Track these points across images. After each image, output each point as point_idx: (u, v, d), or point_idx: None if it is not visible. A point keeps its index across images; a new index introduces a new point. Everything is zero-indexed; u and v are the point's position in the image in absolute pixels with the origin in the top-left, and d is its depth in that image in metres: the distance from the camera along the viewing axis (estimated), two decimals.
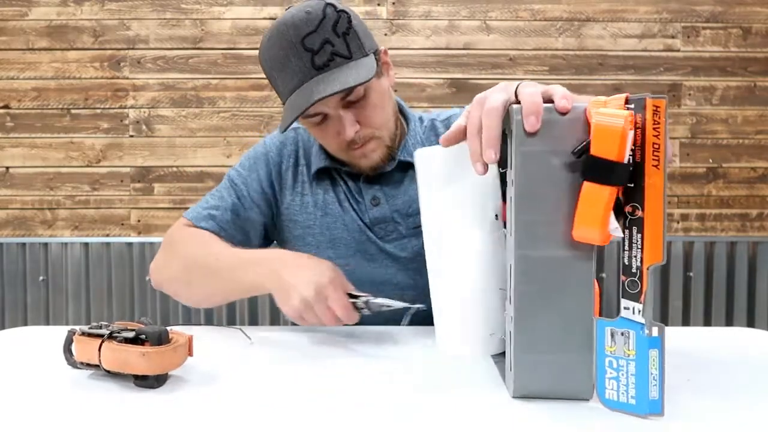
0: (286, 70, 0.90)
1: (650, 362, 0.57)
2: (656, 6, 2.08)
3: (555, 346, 0.61)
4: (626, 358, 0.58)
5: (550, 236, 0.59)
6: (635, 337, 0.57)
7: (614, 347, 0.58)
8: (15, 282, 2.06)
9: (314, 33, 0.87)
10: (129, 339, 0.65)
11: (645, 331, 0.56)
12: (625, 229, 0.57)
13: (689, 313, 2.07)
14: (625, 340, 0.58)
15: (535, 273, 0.60)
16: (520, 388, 0.62)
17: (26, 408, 0.62)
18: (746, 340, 0.90)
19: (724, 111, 2.10)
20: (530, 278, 0.60)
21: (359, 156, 0.95)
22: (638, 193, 0.56)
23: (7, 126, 2.08)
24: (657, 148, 0.55)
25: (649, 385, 0.57)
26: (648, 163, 0.55)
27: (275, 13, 2.07)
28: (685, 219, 2.11)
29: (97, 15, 2.07)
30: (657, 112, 0.55)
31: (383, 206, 1.00)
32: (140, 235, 2.09)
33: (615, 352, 0.58)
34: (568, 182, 0.59)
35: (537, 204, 0.59)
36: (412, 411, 0.61)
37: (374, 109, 0.93)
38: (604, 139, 0.55)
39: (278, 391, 0.66)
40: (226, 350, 0.80)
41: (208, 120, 2.08)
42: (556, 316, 0.60)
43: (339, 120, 0.91)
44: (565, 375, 0.61)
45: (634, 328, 0.57)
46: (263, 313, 2.07)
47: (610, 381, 0.59)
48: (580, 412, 0.60)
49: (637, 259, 0.57)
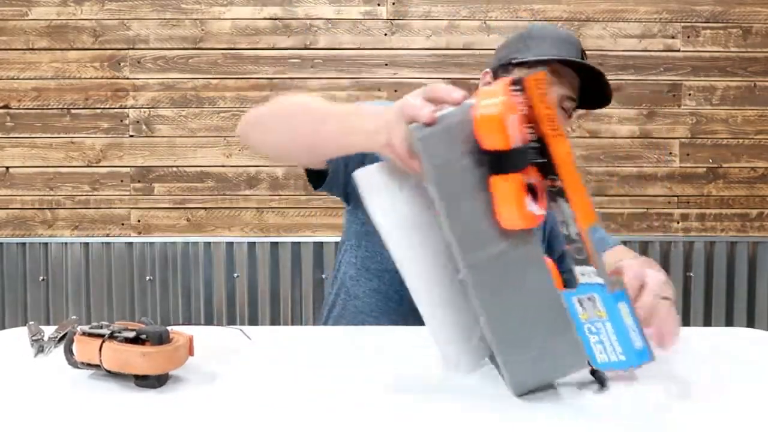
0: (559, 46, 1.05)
1: (623, 316, 0.58)
2: (656, 6, 2.08)
3: (534, 333, 0.61)
4: (601, 320, 0.59)
5: (487, 234, 0.59)
6: (600, 298, 0.58)
7: (586, 314, 0.60)
8: (15, 282, 2.06)
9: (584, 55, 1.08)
10: (129, 339, 0.65)
11: (607, 289, 0.58)
12: (551, 202, 0.58)
13: (689, 313, 2.07)
14: (593, 304, 0.59)
15: (489, 273, 0.60)
16: (519, 386, 0.63)
17: (26, 408, 0.62)
18: (746, 340, 0.90)
19: (724, 111, 2.10)
20: (486, 280, 0.60)
21: None
22: (550, 166, 0.57)
23: (7, 126, 2.08)
24: (552, 118, 0.56)
25: (631, 336, 0.59)
26: (548, 135, 0.56)
27: (275, 13, 2.07)
28: (685, 219, 2.11)
29: (97, 15, 2.07)
30: (539, 86, 0.55)
31: None
32: (140, 235, 2.09)
33: (589, 317, 0.59)
34: (484, 177, 0.58)
35: (465, 210, 0.59)
36: (412, 411, 0.61)
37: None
38: (486, 130, 0.55)
39: (278, 391, 0.66)
40: (226, 350, 0.80)
41: (208, 120, 2.08)
42: (524, 306, 0.60)
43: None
44: (554, 357, 0.61)
45: (595, 290, 0.59)
46: (263, 313, 2.07)
47: (596, 345, 0.60)
48: (583, 413, 0.60)
49: (573, 226, 0.58)
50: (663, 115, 2.10)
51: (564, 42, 1.06)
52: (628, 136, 2.10)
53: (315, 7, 2.07)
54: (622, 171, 2.10)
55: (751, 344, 0.88)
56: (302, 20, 2.07)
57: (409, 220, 0.66)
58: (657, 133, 2.10)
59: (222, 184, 2.08)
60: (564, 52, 1.04)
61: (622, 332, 0.59)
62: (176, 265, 2.06)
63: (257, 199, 2.07)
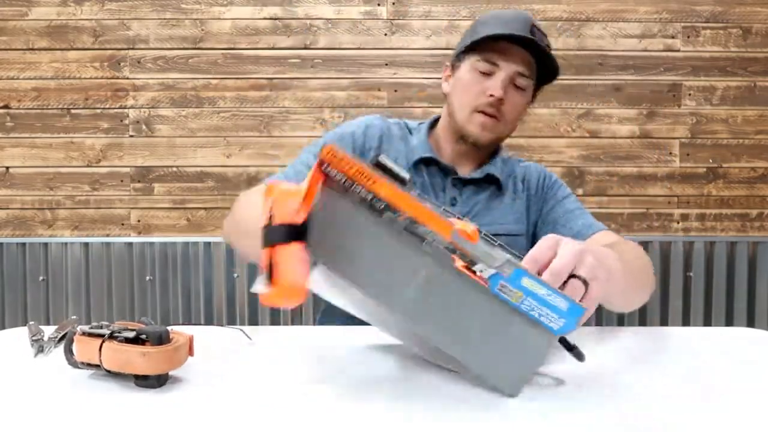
0: (504, 23, 1.05)
1: (533, 288, 0.61)
2: (656, 6, 2.08)
3: (492, 337, 0.64)
4: (523, 300, 0.62)
5: (395, 278, 0.64)
6: (507, 282, 0.61)
7: (513, 298, 0.62)
8: (15, 282, 2.06)
9: (538, 31, 1.07)
10: (130, 339, 0.65)
11: (502, 274, 0.61)
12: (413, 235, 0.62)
13: (689, 313, 2.07)
14: (507, 291, 0.62)
15: (419, 308, 0.64)
16: (510, 388, 0.65)
17: (26, 408, 0.62)
18: (746, 340, 0.90)
19: (724, 111, 2.10)
20: (422, 315, 0.64)
21: (480, 123, 1.08)
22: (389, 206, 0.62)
23: (7, 126, 2.08)
24: (361, 172, 0.61)
25: (553, 302, 0.61)
26: (368, 186, 0.61)
27: (275, 13, 2.07)
28: (685, 219, 2.11)
29: (97, 15, 2.07)
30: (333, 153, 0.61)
31: (458, 207, 1.11)
32: (140, 235, 2.09)
33: (519, 300, 0.62)
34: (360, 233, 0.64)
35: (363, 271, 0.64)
36: (412, 410, 0.61)
37: (517, 105, 1.09)
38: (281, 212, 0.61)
39: (278, 391, 0.66)
40: (226, 350, 0.80)
41: (208, 120, 2.08)
42: (468, 318, 0.64)
43: (499, 80, 1.06)
44: (524, 346, 0.64)
45: (498, 279, 0.61)
46: (263, 313, 2.07)
47: (541, 318, 0.62)
48: (583, 413, 0.60)
49: (442, 241, 0.62)
50: (663, 115, 2.10)
51: (512, 21, 1.06)
52: (628, 136, 2.10)
53: (315, 7, 2.07)
54: (622, 171, 2.10)
55: (751, 344, 0.88)
56: (302, 20, 2.07)
57: (358, 300, 0.71)
58: (657, 133, 2.10)
59: (222, 184, 2.08)
60: (511, 30, 1.04)
61: (543, 302, 0.61)
62: (176, 265, 2.06)
63: None
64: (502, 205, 1.14)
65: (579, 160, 2.09)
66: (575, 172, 2.09)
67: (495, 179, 1.15)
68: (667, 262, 2.07)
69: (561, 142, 2.09)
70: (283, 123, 2.08)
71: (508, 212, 1.14)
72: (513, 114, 1.10)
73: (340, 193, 0.63)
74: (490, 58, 1.06)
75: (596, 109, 2.09)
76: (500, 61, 1.06)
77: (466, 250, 0.62)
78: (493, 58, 1.06)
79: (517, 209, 1.15)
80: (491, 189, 1.15)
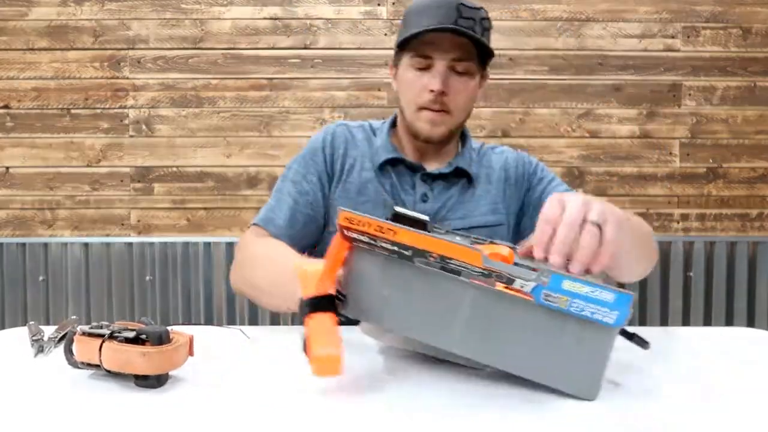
0: (430, 13, 1.02)
1: (576, 289, 0.61)
2: (656, 6, 2.08)
3: (551, 346, 0.64)
4: (570, 303, 0.62)
5: (439, 317, 0.66)
6: (550, 290, 0.62)
7: (561, 303, 0.62)
8: (15, 282, 2.06)
9: (470, 8, 1.02)
10: (130, 339, 0.65)
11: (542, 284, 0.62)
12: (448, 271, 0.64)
13: (689, 313, 2.07)
14: (553, 299, 0.62)
15: (471, 337, 0.65)
16: (587, 393, 0.64)
17: (26, 408, 0.61)
18: (746, 340, 0.90)
19: (724, 111, 2.10)
20: (474, 344, 0.66)
21: (427, 120, 1.06)
22: (421, 254, 0.64)
23: (7, 126, 2.08)
24: (380, 225, 0.64)
25: (599, 297, 0.61)
26: (389, 238, 0.63)
27: (275, 13, 2.07)
28: (685, 219, 2.11)
29: (97, 15, 2.07)
30: (348, 217, 0.64)
31: (430, 204, 1.10)
32: (140, 235, 2.09)
33: (567, 304, 0.62)
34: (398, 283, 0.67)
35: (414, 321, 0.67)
36: (413, 410, 0.61)
37: (463, 92, 1.06)
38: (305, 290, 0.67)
39: (278, 391, 0.66)
40: (226, 350, 0.80)
41: (208, 120, 2.08)
42: (518, 335, 0.65)
43: (436, 74, 1.03)
44: (585, 348, 0.64)
45: (540, 289, 0.62)
46: (263, 313, 2.07)
47: (594, 315, 0.62)
48: (583, 414, 0.60)
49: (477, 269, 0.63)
50: (663, 115, 2.10)
51: (439, 8, 1.02)
52: (628, 136, 2.10)
53: (315, 7, 2.07)
54: (622, 171, 2.10)
55: (751, 344, 0.88)
56: (302, 20, 2.07)
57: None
58: (657, 133, 2.10)
59: (222, 184, 2.08)
60: (439, 20, 1.00)
61: (589, 300, 0.61)
62: (176, 265, 2.06)
63: (257, 199, 2.07)
64: (475, 197, 1.13)
65: (579, 160, 2.09)
66: (575, 172, 2.09)
67: (465, 173, 1.13)
68: (667, 262, 2.07)
69: (561, 142, 2.09)
70: (283, 123, 2.08)
71: (482, 204, 1.13)
72: (461, 101, 1.07)
73: (369, 252, 0.66)
74: (423, 52, 1.04)
75: (596, 109, 2.09)
76: (433, 54, 1.03)
77: (501, 272, 0.62)
78: (426, 52, 1.03)
79: (491, 200, 1.14)
80: (462, 182, 1.13)
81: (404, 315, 0.67)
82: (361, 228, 0.64)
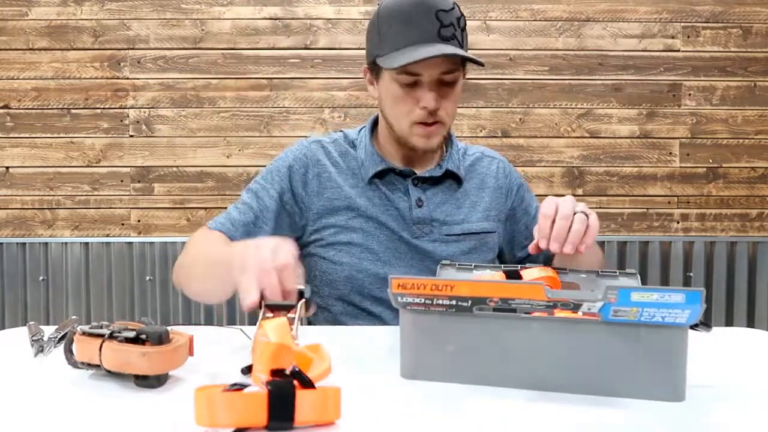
0: (409, 25, 1.00)
1: (645, 298, 0.62)
2: (656, 6, 2.08)
3: (627, 359, 0.65)
4: (641, 313, 0.62)
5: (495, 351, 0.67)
6: (619, 306, 0.62)
7: (631, 315, 0.63)
8: (15, 282, 2.06)
9: (447, 12, 1.00)
10: (129, 339, 0.65)
11: (610, 302, 0.62)
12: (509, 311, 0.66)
13: None
14: (623, 313, 0.63)
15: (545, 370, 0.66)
16: (674, 395, 0.65)
17: (26, 408, 0.62)
18: (746, 340, 0.90)
19: (724, 111, 2.10)
20: (551, 375, 0.66)
21: (423, 134, 1.05)
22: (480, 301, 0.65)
23: (7, 126, 2.08)
24: (436, 285, 0.66)
25: (670, 300, 0.61)
26: (449, 292, 0.65)
27: (275, 13, 2.07)
28: (685, 219, 2.11)
29: (97, 15, 2.07)
30: (404, 288, 0.66)
31: (426, 208, 1.10)
32: (140, 235, 2.09)
33: (637, 315, 0.63)
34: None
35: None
36: (413, 410, 0.61)
37: (452, 100, 1.06)
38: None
39: None
40: (226, 350, 0.80)
41: (208, 120, 2.08)
42: (591, 357, 0.65)
43: (427, 90, 1.02)
44: (662, 352, 0.64)
45: (609, 307, 0.63)
46: None
47: (666, 319, 0.63)
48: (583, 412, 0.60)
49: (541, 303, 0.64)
50: (663, 115, 2.10)
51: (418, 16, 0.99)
52: (628, 136, 2.10)
53: (315, 7, 2.07)
54: (622, 171, 2.10)
55: (751, 344, 0.88)
56: (302, 20, 2.07)
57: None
58: (657, 133, 2.10)
59: (222, 184, 2.08)
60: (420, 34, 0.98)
61: (662, 305, 0.62)
62: None
63: None
64: (468, 201, 1.13)
65: (579, 160, 2.09)
66: (575, 172, 2.09)
67: (454, 174, 1.13)
68: (667, 262, 2.07)
69: (561, 142, 2.09)
70: (283, 123, 2.08)
71: (478, 210, 1.13)
72: (451, 109, 1.06)
73: (424, 312, 0.67)
74: (410, 70, 1.00)
75: (596, 109, 2.09)
76: (422, 72, 1.00)
77: (567, 300, 0.63)
78: (413, 69, 1.00)
79: (485, 207, 1.14)
80: (451, 183, 1.13)
81: (473, 365, 0.68)
82: (416, 291, 0.66)
